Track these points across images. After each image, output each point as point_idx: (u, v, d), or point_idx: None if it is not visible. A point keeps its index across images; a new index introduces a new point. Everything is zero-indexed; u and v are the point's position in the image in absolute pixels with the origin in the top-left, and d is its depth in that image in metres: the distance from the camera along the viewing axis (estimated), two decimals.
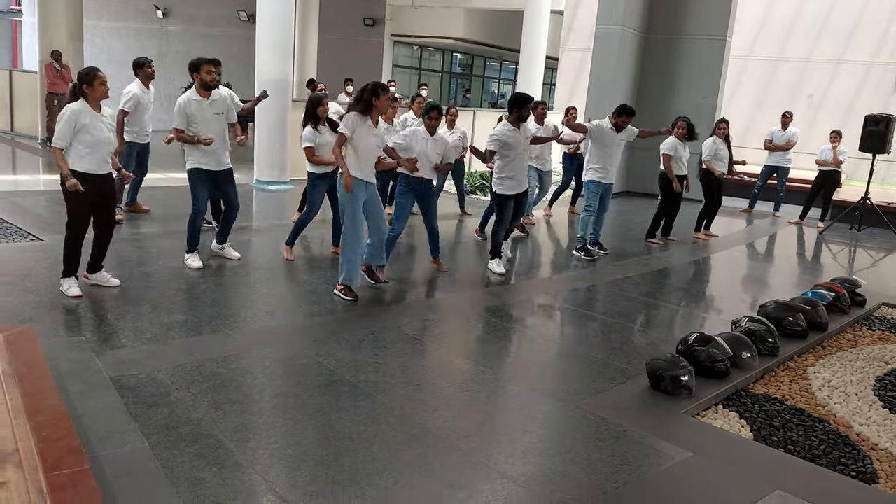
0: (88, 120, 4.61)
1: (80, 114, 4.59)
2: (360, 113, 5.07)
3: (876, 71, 14.77)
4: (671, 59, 12.12)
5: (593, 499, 2.89)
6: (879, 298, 6.34)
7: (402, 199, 6.09)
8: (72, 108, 4.60)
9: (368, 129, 5.11)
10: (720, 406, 3.97)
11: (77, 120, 4.56)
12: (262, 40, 9.64)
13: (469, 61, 26.64)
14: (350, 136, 5.04)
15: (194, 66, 5.59)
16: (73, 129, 4.56)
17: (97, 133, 4.64)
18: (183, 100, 5.61)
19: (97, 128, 4.65)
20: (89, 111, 4.65)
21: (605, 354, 4.63)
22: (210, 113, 5.63)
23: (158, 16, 19.71)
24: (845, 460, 3.44)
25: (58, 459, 2.72)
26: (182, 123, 5.55)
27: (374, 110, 5.12)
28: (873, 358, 4.91)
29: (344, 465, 2.98)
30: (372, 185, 5.28)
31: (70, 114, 4.57)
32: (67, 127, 4.55)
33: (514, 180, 6.31)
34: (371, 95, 5.05)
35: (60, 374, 3.59)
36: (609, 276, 6.74)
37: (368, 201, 5.26)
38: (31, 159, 11.74)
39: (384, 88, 5.12)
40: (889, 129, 9.80)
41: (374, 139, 5.18)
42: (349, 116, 5.10)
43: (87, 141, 4.61)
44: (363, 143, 5.08)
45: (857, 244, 9.55)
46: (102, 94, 4.69)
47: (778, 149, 10.95)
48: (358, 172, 5.11)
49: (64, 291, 4.82)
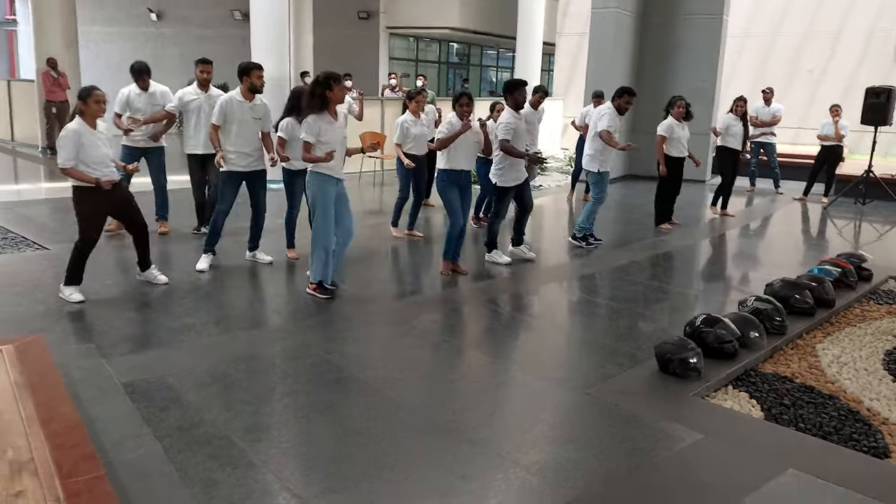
0: (87, 139, 4.71)
1: (79, 133, 4.70)
2: (317, 113, 4.95)
3: (876, 41, 14.64)
4: (668, 40, 12.05)
5: (606, 484, 2.90)
6: (886, 272, 6.33)
7: (449, 196, 5.84)
8: (72, 129, 4.71)
9: (329, 124, 4.97)
10: (730, 387, 3.97)
11: (78, 139, 4.68)
12: (258, 39, 9.63)
13: (466, 50, 26.54)
14: (314, 141, 4.92)
15: (245, 69, 5.70)
16: (76, 148, 4.67)
17: (94, 151, 4.74)
18: (225, 99, 5.71)
19: (95, 145, 4.76)
20: (87, 129, 4.75)
21: (612, 340, 4.63)
22: (249, 116, 5.72)
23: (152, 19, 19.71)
24: (857, 436, 3.44)
25: (73, 466, 2.75)
26: (220, 121, 5.66)
27: (329, 103, 4.97)
28: (882, 332, 4.90)
29: (356, 461, 3.00)
30: (342, 182, 5.17)
31: (71, 133, 4.68)
32: (71, 145, 4.66)
33: (516, 170, 6.20)
34: (324, 89, 4.90)
35: (72, 381, 3.61)
36: (614, 261, 6.73)
37: (337, 201, 5.13)
38: (33, 168, 11.77)
39: (335, 79, 4.95)
40: (890, 101, 9.75)
41: (338, 132, 5.03)
42: (306, 122, 4.97)
43: (87, 160, 4.72)
44: (330, 139, 4.94)
45: (862, 218, 9.52)
46: (97, 111, 4.78)
47: (766, 124, 10.91)
48: (328, 170, 5.01)
49: (66, 298, 4.85)
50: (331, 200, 5.07)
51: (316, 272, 5.16)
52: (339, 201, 5.15)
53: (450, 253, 5.93)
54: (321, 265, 5.14)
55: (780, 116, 10.93)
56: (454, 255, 5.95)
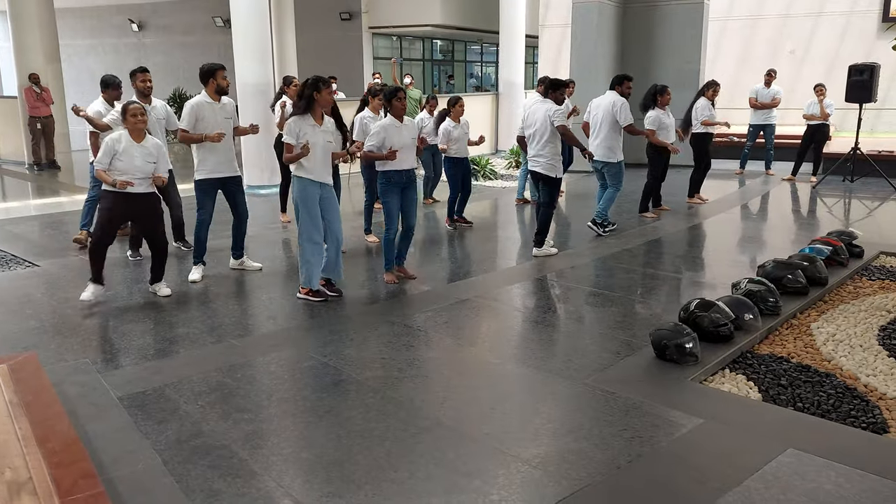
0: (123, 148, 4.97)
1: (117, 142, 4.98)
2: (300, 114, 4.95)
3: (856, 19, 14.69)
4: (651, 26, 12.06)
5: (609, 474, 2.91)
6: (877, 248, 6.36)
7: (387, 199, 5.51)
8: (113, 137, 5.04)
9: (313, 127, 4.97)
10: (727, 370, 3.98)
11: (114, 147, 4.96)
12: (240, 45, 9.58)
13: (450, 47, 26.47)
14: (294, 142, 4.91)
15: (209, 71, 5.55)
16: (110, 155, 4.96)
17: (128, 160, 4.98)
18: (195, 102, 5.57)
19: (130, 156, 4.98)
20: (127, 140, 5.01)
21: (608, 329, 4.64)
22: (221, 117, 5.65)
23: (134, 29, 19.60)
24: (855, 413, 3.45)
25: (72, 484, 2.72)
26: (190, 125, 5.50)
27: (315, 106, 4.97)
28: (875, 308, 4.92)
29: (358, 464, 2.99)
30: (327, 185, 5.13)
31: (109, 141, 5.00)
32: (105, 152, 4.98)
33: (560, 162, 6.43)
34: (312, 90, 4.91)
35: (68, 398, 3.59)
36: (606, 249, 6.74)
37: (324, 206, 5.11)
38: (20, 185, 11.69)
39: (324, 82, 4.96)
40: (873, 78, 9.78)
41: (320, 135, 5.01)
42: (288, 123, 4.99)
43: (120, 167, 4.97)
44: (310, 143, 4.90)
45: (851, 195, 9.56)
46: (133, 124, 5.01)
47: (764, 106, 10.92)
48: (309, 174, 4.99)
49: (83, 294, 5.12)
50: (314, 203, 5.04)
51: (306, 277, 5.15)
52: (326, 205, 5.12)
53: (390, 262, 5.68)
54: (308, 268, 5.12)
55: (780, 99, 10.93)
56: (398, 260, 5.75)
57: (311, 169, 4.99)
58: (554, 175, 6.33)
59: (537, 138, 6.28)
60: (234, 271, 6.01)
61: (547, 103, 6.32)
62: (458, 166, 7.71)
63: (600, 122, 7.37)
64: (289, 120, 5.01)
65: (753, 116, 11.08)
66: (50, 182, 11.69)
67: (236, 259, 6.07)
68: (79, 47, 18.91)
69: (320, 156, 5.02)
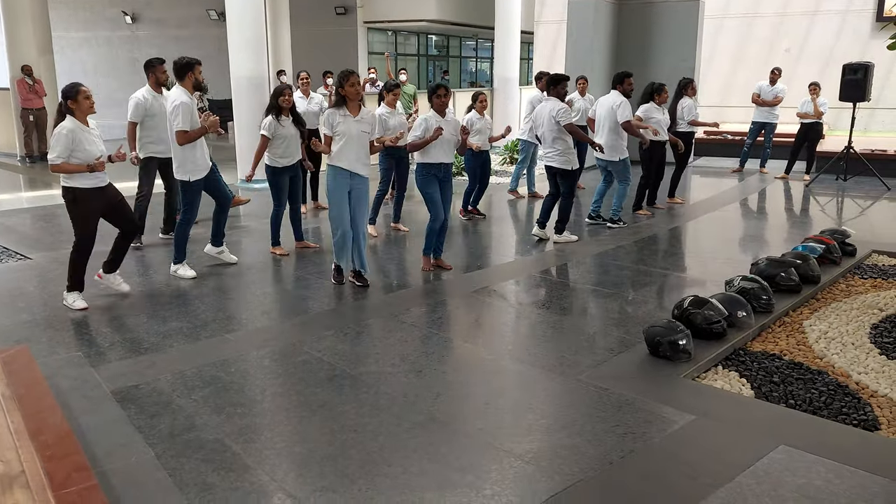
0: (81, 136, 4.64)
1: (73, 131, 4.62)
2: (335, 107, 5.22)
3: (851, 19, 14.74)
4: (647, 24, 12.06)
5: (601, 469, 2.92)
6: (869, 246, 6.38)
7: (428, 190, 5.69)
8: (67, 127, 4.63)
9: (345, 118, 5.16)
10: (720, 367, 4.00)
11: (72, 137, 4.60)
12: (234, 38, 9.53)
13: (445, 42, 26.44)
14: (330, 133, 5.16)
15: (187, 65, 5.39)
16: (69, 147, 4.59)
17: (91, 148, 4.67)
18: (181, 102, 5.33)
19: (90, 142, 4.69)
20: (80, 127, 4.67)
21: (602, 325, 4.65)
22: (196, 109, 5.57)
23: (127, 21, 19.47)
24: (846, 410, 3.47)
25: (65, 477, 2.72)
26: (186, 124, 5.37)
27: (347, 100, 5.19)
28: (867, 306, 4.94)
29: (351, 458, 2.99)
30: (359, 176, 5.26)
31: (66, 132, 4.61)
32: (66, 142, 4.59)
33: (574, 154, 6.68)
34: (338, 86, 5.19)
35: (61, 391, 3.58)
36: (600, 246, 6.75)
37: (354, 196, 5.28)
38: (12, 177, 11.63)
39: (345, 77, 5.17)
40: (867, 77, 9.81)
41: (354, 126, 5.18)
42: (325, 115, 5.27)
43: (82, 157, 4.64)
44: (342, 130, 5.15)
45: (844, 194, 9.60)
46: (88, 107, 4.71)
47: (766, 104, 10.92)
48: (341, 162, 5.18)
49: (69, 305, 4.85)
50: (342, 192, 5.22)
51: (336, 256, 5.42)
52: (355, 196, 5.29)
53: (430, 248, 5.88)
54: (338, 251, 5.37)
55: (782, 97, 10.92)
56: (436, 250, 5.91)
57: (344, 157, 5.17)
58: (569, 167, 6.60)
59: (547, 136, 6.61)
60: (226, 266, 5.97)
61: (551, 101, 6.60)
62: (478, 158, 7.87)
63: (603, 121, 7.50)
64: (325, 112, 5.31)
65: (756, 114, 11.06)
66: (42, 174, 11.62)
67: (215, 246, 5.97)
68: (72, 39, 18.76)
69: (355, 146, 5.20)
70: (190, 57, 5.54)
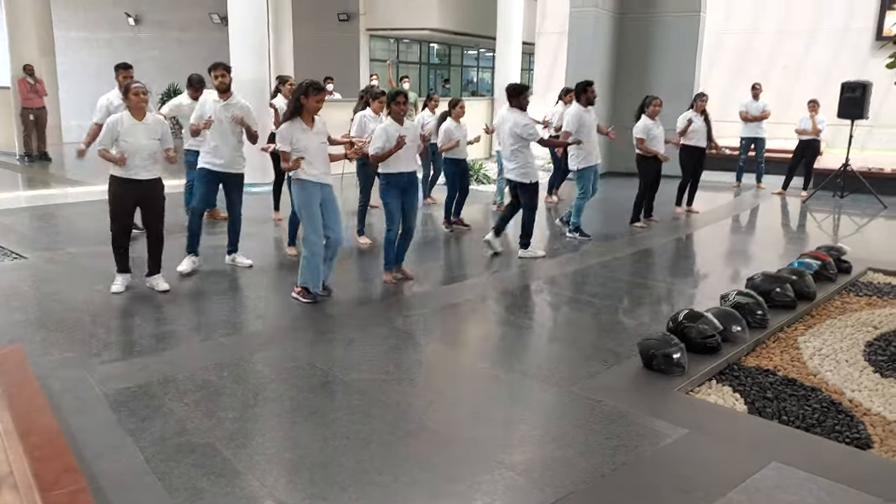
0: (125, 128, 4.98)
1: (118, 122, 4.99)
2: (289, 120, 4.95)
3: (850, 37, 14.81)
4: (647, 37, 12.12)
5: (592, 482, 2.91)
6: (865, 264, 6.39)
7: (387, 199, 5.56)
8: (114, 117, 5.07)
9: (303, 131, 4.94)
10: (713, 381, 3.99)
11: (115, 128, 4.97)
12: (236, 42, 9.56)
13: (446, 51, 26.52)
14: (289, 149, 4.92)
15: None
16: (112, 136, 4.97)
17: (133, 140, 4.98)
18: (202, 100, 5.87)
19: (133, 134, 4.99)
20: (129, 118, 5.02)
21: (596, 337, 4.65)
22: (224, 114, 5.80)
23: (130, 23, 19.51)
24: (839, 427, 3.47)
25: (54, 479, 2.70)
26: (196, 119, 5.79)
27: (303, 110, 4.94)
28: (862, 323, 4.95)
29: (342, 465, 2.98)
30: (327, 186, 5.12)
31: (111, 122, 5.03)
32: (108, 132, 5.01)
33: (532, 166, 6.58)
34: (299, 94, 4.90)
35: (52, 392, 3.56)
36: (595, 258, 6.75)
37: (325, 207, 5.09)
38: (11, 176, 11.61)
39: (315, 88, 4.91)
40: (866, 95, 9.87)
41: (314, 139, 5.00)
42: (279, 131, 5.00)
43: (124, 147, 4.96)
44: (303, 146, 4.92)
45: (841, 211, 9.62)
46: (136, 103, 5.02)
47: (755, 119, 10.99)
48: (305, 175, 4.98)
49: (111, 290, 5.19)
50: (313, 204, 5.04)
51: (303, 276, 5.12)
52: (326, 206, 5.11)
53: (389, 262, 5.69)
54: (309, 269, 5.09)
55: (769, 111, 11.00)
56: (397, 260, 5.74)
57: (309, 170, 4.99)
58: (528, 181, 6.44)
59: (506, 149, 6.47)
60: (223, 268, 5.96)
61: (513, 114, 6.40)
62: (457, 167, 7.84)
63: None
64: (280, 127, 5.03)
65: (744, 130, 11.17)
66: (41, 174, 11.61)
67: (230, 255, 6.12)
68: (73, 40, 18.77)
69: (317, 158, 5.03)
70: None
